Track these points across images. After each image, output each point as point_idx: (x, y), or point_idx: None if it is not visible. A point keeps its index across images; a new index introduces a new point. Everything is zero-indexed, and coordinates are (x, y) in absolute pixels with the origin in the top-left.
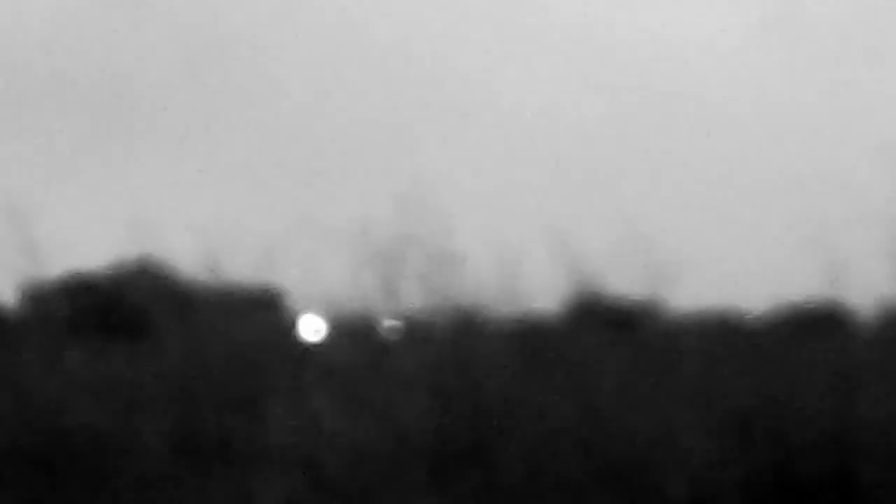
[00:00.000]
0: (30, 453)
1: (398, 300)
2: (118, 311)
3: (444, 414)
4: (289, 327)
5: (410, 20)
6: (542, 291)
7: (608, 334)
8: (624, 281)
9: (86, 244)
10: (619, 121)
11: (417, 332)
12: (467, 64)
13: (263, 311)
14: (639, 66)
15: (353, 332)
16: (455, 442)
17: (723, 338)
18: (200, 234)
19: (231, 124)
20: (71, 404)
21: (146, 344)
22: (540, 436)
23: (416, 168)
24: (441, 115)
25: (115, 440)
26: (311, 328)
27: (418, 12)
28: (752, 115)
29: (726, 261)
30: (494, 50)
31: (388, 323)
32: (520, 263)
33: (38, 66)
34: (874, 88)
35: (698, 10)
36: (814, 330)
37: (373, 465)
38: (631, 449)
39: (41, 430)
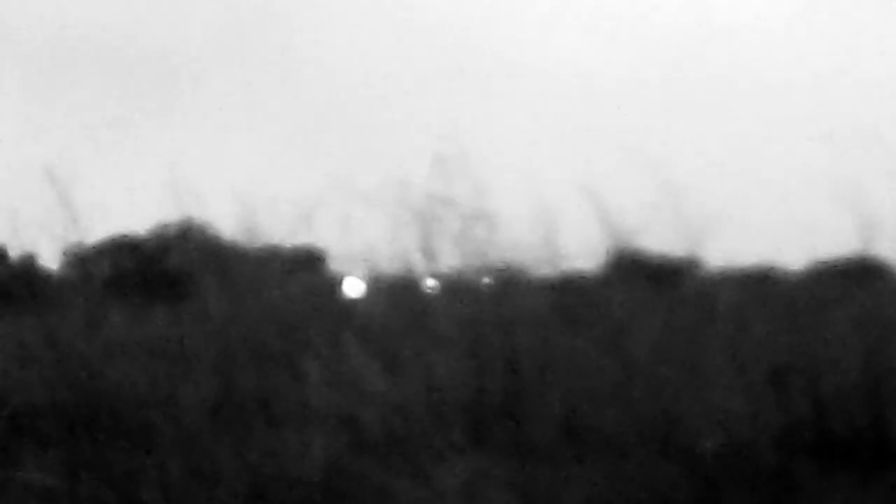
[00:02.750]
0: (72, 414)
1: (436, 259)
2: (160, 274)
3: (483, 372)
4: (328, 288)
5: None
6: (578, 249)
7: (645, 291)
8: (660, 238)
9: (127, 208)
10: (654, 78)
11: (456, 291)
12: (502, 22)
13: (303, 271)
14: (673, 23)
15: (391, 292)
16: (493, 399)
17: (758, 293)
18: (240, 196)
19: (267, 87)
20: (112, 365)
21: (187, 305)
22: (577, 392)
23: (451, 127)
24: (475, 74)
25: (156, 401)
26: (351, 288)
27: None
28: (786, 72)
29: (761, 217)
30: (530, 8)
31: (426, 282)
32: (556, 221)
33: (78, 31)
34: None
35: None
36: (848, 285)
37: (411, 422)
38: (667, 405)
39: (83, 391)
